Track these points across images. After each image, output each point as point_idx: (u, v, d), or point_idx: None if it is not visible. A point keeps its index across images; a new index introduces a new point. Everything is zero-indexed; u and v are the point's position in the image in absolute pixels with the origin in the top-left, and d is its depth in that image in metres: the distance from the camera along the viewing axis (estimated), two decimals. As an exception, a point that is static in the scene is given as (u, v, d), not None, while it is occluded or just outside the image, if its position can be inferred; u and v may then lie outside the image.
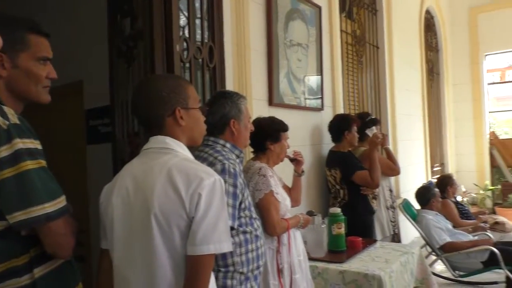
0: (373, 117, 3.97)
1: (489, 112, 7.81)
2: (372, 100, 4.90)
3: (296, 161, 2.57)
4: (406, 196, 4.70)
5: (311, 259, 2.50)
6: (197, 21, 2.47)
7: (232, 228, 1.59)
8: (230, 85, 2.61)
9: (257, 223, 1.77)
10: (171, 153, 1.29)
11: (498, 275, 3.82)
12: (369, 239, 3.02)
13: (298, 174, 2.62)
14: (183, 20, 2.37)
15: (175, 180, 1.20)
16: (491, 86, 7.98)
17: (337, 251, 2.66)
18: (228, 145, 1.81)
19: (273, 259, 2.12)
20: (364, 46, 4.73)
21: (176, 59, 2.21)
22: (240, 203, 1.66)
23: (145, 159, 1.32)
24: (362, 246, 2.75)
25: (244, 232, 1.68)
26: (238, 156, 1.82)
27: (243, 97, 1.92)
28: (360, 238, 2.80)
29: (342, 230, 2.71)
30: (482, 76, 7.58)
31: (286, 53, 3.15)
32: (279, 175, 2.40)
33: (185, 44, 2.34)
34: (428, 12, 6.82)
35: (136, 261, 1.24)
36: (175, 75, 2.11)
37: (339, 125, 3.39)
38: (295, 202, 2.61)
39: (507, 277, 3.51)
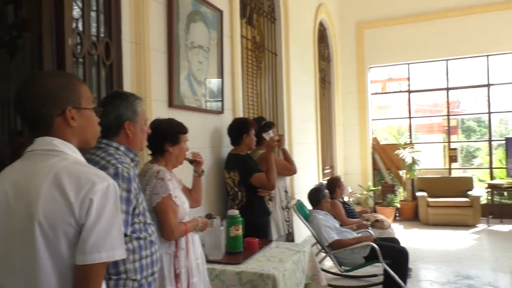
0: (268, 121, 4.12)
1: (372, 119, 8.60)
2: (270, 104, 5.08)
3: (195, 162, 2.57)
4: (300, 197, 4.96)
5: (209, 261, 2.51)
6: (93, 14, 2.33)
7: (125, 235, 1.53)
8: (128, 85, 2.51)
9: (152, 229, 1.72)
10: (60, 156, 1.20)
11: (377, 268, 4.22)
12: (265, 239, 3.13)
13: (198, 174, 2.61)
14: (76, 12, 2.21)
15: (63, 184, 1.12)
16: (374, 96, 8.81)
17: (235, 253, 2.71)
18: (122, 148, 1.73)
19: (170, 264, 2.08)
20: (263, 53, 4.89)
21: (67, 54, 2.06)
22: (134, 209, 1.60)
23: (29, 162, 1.21)
24: (258, 247, 2.84)
25: (138, 238, 1.63)
26: (132, 160, 1.75)
27: (140, 98, 1.85)
28: (257, 239, 2.89)
29: (240, 232, 2.77)
30: (367, 87, 8.33)
31: (187, 54, 3.13)
32: (179, 177, 2.37)
33: (78, 38, 2.19)
34: (321, 24, 7.29)
35: (16, 274, 1.13)
36: (67, 72, 1.96)
37: (238, 129, 3.46)
38: (196, 203, 2.60)
39: (385, 270, 3.89)
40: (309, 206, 4.55)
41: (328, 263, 4.66)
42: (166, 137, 2.21)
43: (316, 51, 6.73)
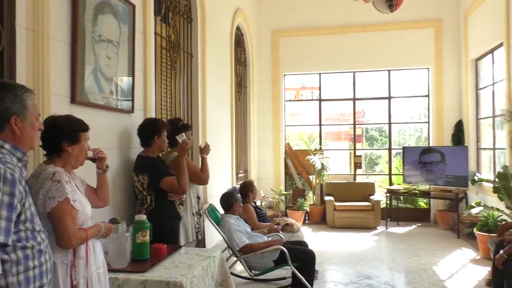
0: (185, 123, 4.01)
1: (286, 125, 8.84)
2: (185, 106, 4.96)
3: (98, 159, 2.38)
4: (213, 201, 4.90)
5: (112, 270, 2.34)
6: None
7: (5, 245, 1.34)
8: (22, 76, 2.25)
9: (42, 236, 1.54)
10: None
11: (286, 271, 4.30)
12: (174, 245, 3.02)
13: (102, 170, 2.42)
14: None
15: None
16: (288, 102, 9.07)
17: (141, 260, 2.57)
18: (7, 146, 1.52)
19: (67, 275, 1.89)
20: (178, 53, 4.76)
21: None
22: (19, 215, 1.41)
23: None
24: (166, 253, 2.72)
25: (24, 248, 1.44)
26: (20, 160, 1.55)
27: (30, 90, 1.64)
28: (165, 245, 2.76)
29: (147, 238, 2.64)
30: (281, 93, 8.55)
31: (94, 48, 2.91)
32: (82, 176, 2.18)
33: (-39, 19, 1.91)
34: (238, 28, 7.34)
35: None
36: None
37: (148, 129, 3.30)
38: (103, 202, 2.42)
39: (293, 272, 3.97)
40: (221, 210, 4.50)
41: (239, 268, 4.65)
42: (63, 135, 2.01)
43: (232, 55, 6.75)
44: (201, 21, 5.25)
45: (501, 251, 3.58)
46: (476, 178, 6.80)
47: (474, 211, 5.78)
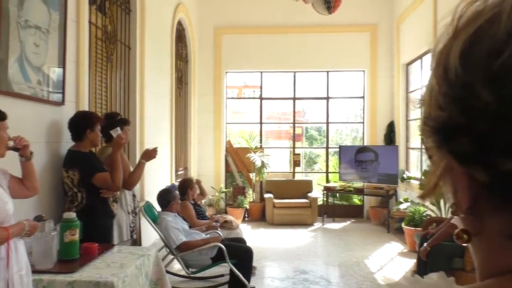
0: (122, 117, 3.87)
1: (227, 123, 8.83)
2: (122, 100, 4.79)
3: (20, 148, 2.23)
4: (150, 198, 4.77)
5: (36, 271, 2.20)
6: None
7: None
8: None
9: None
10: None
11: (224, 268, 4.30)
12: (106, 244, 2.90)
13: (26, 158, 2.27)
14: None
15: None
16: (230, 100, 9.06)
17: (69, 260, 2.45)
18: None
19: (-16, 277, 1.75)
20: (115, 44, 4.59)
21: None
22: None
23: None
24: (98, 252, 2.61)
25: None
26: None
27: None
28: (96, 244, 2.65)
29: (76, 237, 2.51)
30: (223, 91, 8.52)
31: (19, 34, 2.71)
32: (5, 167, 2.03)
33: None
34: (180, 23, 7.21)
35: None
36: None
37: (80, 123, 3.14)
38: (32, 191, 2.29)
39: (231, 269, 3.97)
40: (159, 208, 4.40)
41: (176, 266, 4.57)
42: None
43: (173, 50, 6.62)
44: (140, 13, 5.08)
45: (425, 244, 3.82)
46: (405, 176, 7.20)
47: (402, 207, 6.12)
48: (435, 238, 3.80)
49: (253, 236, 6.70)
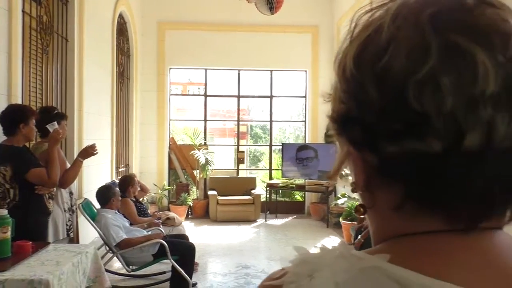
0: (60, 111, 3.73)
1: (170, 120, 8.72)
2: (59, 94, 4.60)
3: None
4: (89, 195, 4.63)
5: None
6: None
7: None
8: None
9: None
10: None
11: (167, 265, 4.28)
12: (41, 242, 2.80)
13: None
14: None
15: None
16: (173, 96, 8.95)
17: (0, 259, 2.33)
18: None
19: None
20: (51, 36, 4.40)
21: None
22: None
23: None
24: (31, 251, 2.52)
25: None
26: None
27: None
28: (30, 242, 2.55)
29: (8, 235, 2.41)
30: (167, 87, 8.40)
31: None
32: None
33: None
34: (121, 16, 7.02)
35: None
36: None
37: (13, 117, 2.99)
38: None
39: (173, 266, 3.96)
40: (98, 205, 4.28)
41: (117, 265, 4.48)
42: None
43: (114, 44, 6.44)
44: (78, 4, 4.90)
45: (359, 236, 4.04)
46: (343, 172, 7.51)
47: (340, 202, 6.40)
48: (368, 230, 4.02)
49: (197, 233, 6.70)
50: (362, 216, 0.48)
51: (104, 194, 4.17)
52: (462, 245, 0.41)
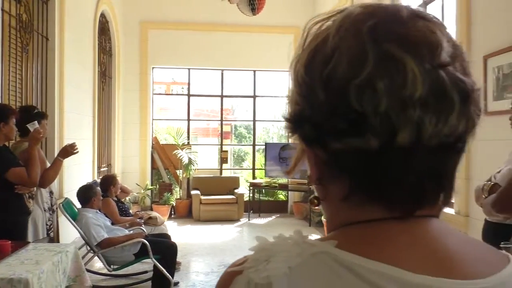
0: (40, 110, 3.71)
1: (153, 119, 8.69)
2: (39, 93, 4.56)
3: None
4: (70, 195, 4.60)
5: None
6: None
7: None
8: None
9: None
10: None
11: (149, 265, 4.29)
12: (21, 241, 2.79)
13: None
14: None
15: None
16: (156, 96, 8.93)
17: (-23, 259, 2.33)
18: None
19: None
20: (31, 34, 4.36)
21: None
22: None
23: None
24: (11, 250, 2.51)
25: None
26: None
27: None
28: (9, 241, 2.55)
29: (-13, 234, 2.40)
30: (149, 86, 8.37)
31: None
32: None
33: None
34: (103, 15, 6.97)
35: None
36: None
37: (-8, 116, 2.97)
38: None
39: (154, 265, 3.97)
40: (79, 205, 4.27)
41: (98, 265, 4.47)
42: None
43: (96, 43, 6.39)
44: (59, 2, 4.86)
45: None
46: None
47: (322, 201, 6.48)
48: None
49: (179, 232, 6.70)
50: (316, 207, 0.53)
51: (85, 193, 4.15)
52: (400, 230, 0.46)
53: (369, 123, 0.43)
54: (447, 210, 4.20)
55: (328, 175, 0.49)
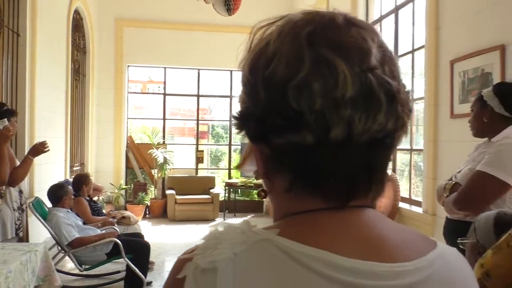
0: (9, 108, 3.63)
1: (128, 118, 8.60)
2: (8, 90, 4.46)
3: None
4: (41, 194, 4.52)
5: None
6: None
7: None
8: None
9: None
10: None
11: (121, 265, 4.25)
12: (-13, 241, 2.74)
13: None
14: None
15: None
16: (132, 95, 8.84)
17: None
18: None
19: None
20: (1, 30, 4.26)
21: None
22: None
23: None
24: (-23, 250, 2.46)
25: None
26: None
27: None
28: (-25, 241, 2.50)
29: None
30: (125, 85, 8.28)
31: None
32: None
33: None
34: (77, 12, 6.87)
35: None
36: None
37: (-41, 113, 2.91)
38: None
39: (127, 265, 3.95)
40: (50, 204, 4.20)
41: (70, 265, 4.41)
42: None
43: (69, 40, 6.29)
44: (31, -2, 4.77)
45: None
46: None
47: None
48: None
49: (154, 232, 6.66)
50: (264, 199, 0.57)
51: (56, 192, 4.09)
52: (335, 219, 0.50)
53: (306, 120, 0.47)
54: (414, 209, 4.34)
55: (272, 169, 0.53)
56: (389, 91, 0.48)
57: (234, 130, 0.55)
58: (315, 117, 0.47)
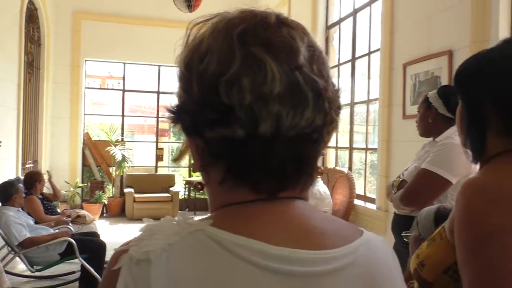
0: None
1: (85, 114, 8.35)
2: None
3: None
4: (-11, 193, 4.32)
5: None
6: None
7: None
8: None
9: None
10: None
11: (76, 265, 4.14)
12: None
13: None
14: None
15: None
16: (90, 90, 8.58)
17: None
18: None
19: None
20: None
21: None
22: None
23: None
24: None
25: None
26: None
27: None
28: None
29: None
30: (82, 80, 8.02)
31: None
32: None
33: None
34: (32, 2, 6.60)
35: None
36: None
37: None
38: None
39: (82, 265, 3.85)
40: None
41: (21, 266, 4.24)
42: None
43: (23, 31, 6.03)
44: (-20, -14, 4.55)
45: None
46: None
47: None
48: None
49: (111, 231, 6.52)
50: (201, 191, 0.58)
51: (5, 190, 3.92)
52: (265, 210, 0.52)
53: (236, 115, 0.49)
54: (369, 205, 4.49)
55: (207, 162, 0.55)
56: (316, 89, 0.51)
57: (170, 123, 0.57)
58: (244, 112, 0.49)
